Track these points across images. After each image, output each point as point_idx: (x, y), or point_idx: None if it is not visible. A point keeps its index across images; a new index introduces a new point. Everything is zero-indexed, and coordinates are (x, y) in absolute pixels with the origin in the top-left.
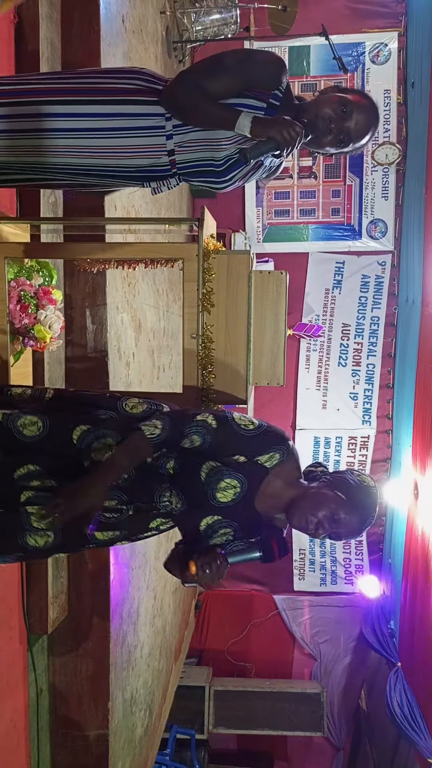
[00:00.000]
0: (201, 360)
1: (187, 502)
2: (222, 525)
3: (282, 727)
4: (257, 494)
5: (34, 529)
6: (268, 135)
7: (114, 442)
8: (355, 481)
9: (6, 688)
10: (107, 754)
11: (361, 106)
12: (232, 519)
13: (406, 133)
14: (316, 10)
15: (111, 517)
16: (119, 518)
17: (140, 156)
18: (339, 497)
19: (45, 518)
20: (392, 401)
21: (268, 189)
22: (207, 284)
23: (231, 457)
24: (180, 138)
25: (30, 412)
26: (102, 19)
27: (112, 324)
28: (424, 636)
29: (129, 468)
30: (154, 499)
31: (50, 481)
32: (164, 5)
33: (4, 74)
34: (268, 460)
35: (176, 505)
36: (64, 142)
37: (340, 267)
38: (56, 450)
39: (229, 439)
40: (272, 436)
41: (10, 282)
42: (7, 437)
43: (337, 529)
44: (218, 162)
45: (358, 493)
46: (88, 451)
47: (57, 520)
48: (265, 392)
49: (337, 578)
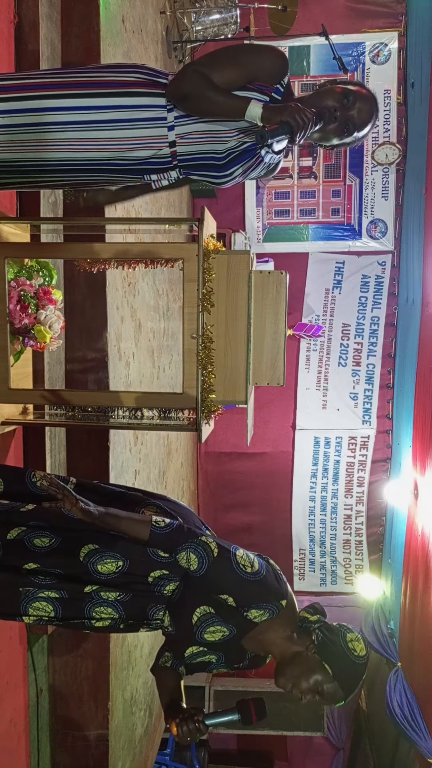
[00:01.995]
0: (201, 360)
1: (176, 630)
2: (206, 654)
3: (282, 727)
4: (245, 638)
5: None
6: (280, 119)
7: (120, 562)
8: (345, 650)
9: (6, 688)
10: (107, 754)
11: (363, 96)
12: (217, 651)
13: (406, 133)
14: (316, 10)
15: (103, 627)
16: (110, 626)
17: (141, 148)
18: (325, 670)
19: (46, 483)
20: (392, 401)
21: (268, 189)
22: (207, 284)
23: (221, 595)
24: (182, 129)
25: (41, 532)
26: (102, 19)
27: (112, 324)
28: (424, 636)
29: (118, 528)
30: (147, 617)
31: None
32: (164, 5)
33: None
34: (258, 617)
35: (168, 625)
36: (65, 136)
37: (340, 267)
38: (61, 561)
39: (224, 574)
40: (267, 589)
41: (10, 282)
42: (17, 544)
43: (320, 698)
44: (220, 155)
45: (346, 665)
46: (94, 566)
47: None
48: (265, 392)
49: (337, 578)
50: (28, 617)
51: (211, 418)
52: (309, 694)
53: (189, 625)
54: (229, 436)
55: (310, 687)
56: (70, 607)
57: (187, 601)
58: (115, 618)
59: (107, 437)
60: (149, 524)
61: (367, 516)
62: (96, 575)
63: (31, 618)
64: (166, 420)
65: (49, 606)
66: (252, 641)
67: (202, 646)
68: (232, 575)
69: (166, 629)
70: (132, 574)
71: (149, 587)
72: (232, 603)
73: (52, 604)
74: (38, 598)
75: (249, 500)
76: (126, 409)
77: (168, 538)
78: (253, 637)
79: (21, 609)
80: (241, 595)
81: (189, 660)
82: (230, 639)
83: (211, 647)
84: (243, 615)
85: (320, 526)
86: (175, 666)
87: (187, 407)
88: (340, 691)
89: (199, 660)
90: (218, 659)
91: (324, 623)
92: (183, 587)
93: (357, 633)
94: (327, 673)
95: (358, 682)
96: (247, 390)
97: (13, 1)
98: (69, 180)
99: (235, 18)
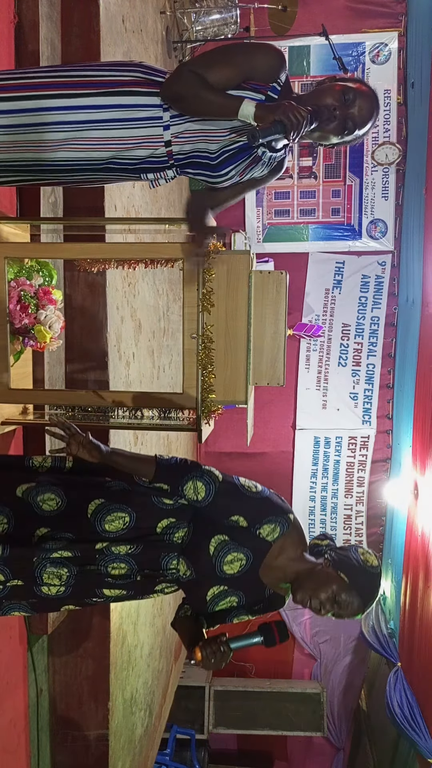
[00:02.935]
0: (201, 360)
1: (195, 571)
2: (227, 594)
3: (282, 727)
4: (261, 566)
5: (46, 584)
6: (273, 118)
7: (126, 516)
8: (359, 562)
9: (6, 688)
10: (107, 754)
11: (363, 93)
12: (237, 589)
13: (406, 133)
14: (316, 10)
15: (119, 583)
16: (127, 583)
17: (138, 147)
18: (342, 579)
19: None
20: (392, 401)
21: (268, 189)
22: (207, 284)
23: (232, 517)
24: (177, 129)
25: (48, 488)
26: (102, 19)
27: (112, 324)
28: (424, 636)
29: (124, 465)
30: (161, 567)
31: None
32: (164, 5)
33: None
34: (270, 534)
35: (184, 573)
36: (63, 136)
37: (340, 267)
38: (71, 524)
39: (231, 497)
40: (273, 505)
41: (10, 282)
42: (26, 510)
43: (338, 610)
44: (213, 155)
45: (362, 575)
46: (101, 524)
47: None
48: (265, 392)
49: None
50: (46, 587)
51: (211, 418)
52: (328, 605)
53: (207, 558)
54: (229, 436)
55: (329, 597)
56: (84, 568)
57: (200, 538)
58: (129, 573)
59: (107, 437)
60: (154, 458)
61: (367, 516)
62: (104, 534)
63: (49, 587)
64: (166, 420)
65: (64, 569)
66: (269, 571)
67: (222, 584)
68: (239, 495)
69: (183, 578)
70: (139, 528)
71: (159, 537)
72: (243, 523)
73: (67, 567)
74: (52, 561)
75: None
76: (126, 409)
77: (174, 469)
78: (269, 564)
79: (36, 576)
80: (250, 511)
81: (211, 606)
82: (248, 570)
83: (231, 584)
84: (256, 534)
85: (320, 526)
86: (195, 616)
87: (187, 407)
88: (357, 599)
89: (221, 606)
90: (239, 601)
91: (334, 545)
92: (192, 532)
93: (367, 549)
94: (344, 581)
95: (374, 592)
96: (247, 390)
97: (13, 1)
98: (68, 179)
99: (235, 18)
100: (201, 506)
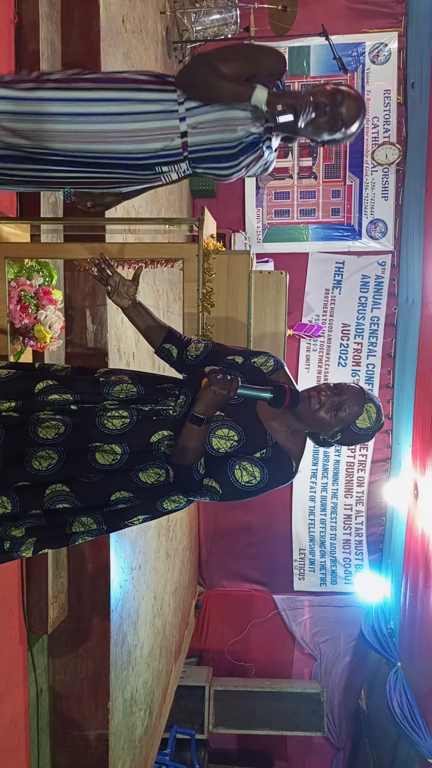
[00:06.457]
0: None
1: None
2: (226, 424)
3: (282, 727)
4: (258, 407)
5: (39, 444)
6: (285, 103)
7: (132, 387)
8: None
9: (6, 688)
10: (107, 754)
11: (351, 96)
12: (236, 422)
13: (406, 133)
14: (316, 10)
15: (116, 433)
16: (125, 431)
17: (152, 140)
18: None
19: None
20: (392, 401)
21: (268, 189)
22: (207, 284)
23: (228, 357)
24: (194, 120)
25: (67, 390)
26: (102, 19)
27: (112, 324)
28: (424, 636)
29: (139, 327)
30: (158, 403)
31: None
32: (164, 5)
33: (5, 75)
34: (263, 364)
35: (182, 402)
36: (76, 128)
37: (340, 267)
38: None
39: (225, 347)
40: (264, 351)
41: (10, 282)
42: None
43: (338, 414)
44: (232, 144)
45: (359, 392)
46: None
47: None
48: None
49: (337, 578)
50: (41, 427)
51: None
52: (328, 403)
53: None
54: None
55: (326, 387)
56: (82, 419)
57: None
58: (129, 420)
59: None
60: (168, 328)
61: (366, 516)
62: (110, 396)
63: (44, 429)
64: None
65: (61, 425)
66: (266, 405)
67: (221, 412)
68: (231, 348)
69: (180, 414)
70: (142, 400)
71: (162, 392)
72: (239, 359)
73: (63, 422)
74: (50, 403)
75: (249, 500)
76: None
77: (180, 337)
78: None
79: (32, 432)
80: (244, 351)
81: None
82: (246, 400)
83: (229, 413)
84: (251, 364)
85: (320, 525)
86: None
87: None
88: (356, 406)
89: (223, 441)
90: (239, 437)
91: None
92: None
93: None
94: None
95: (371, 400)
96: None
97: (13, 1)
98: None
99: (235, 18)
100: (202, 357)
